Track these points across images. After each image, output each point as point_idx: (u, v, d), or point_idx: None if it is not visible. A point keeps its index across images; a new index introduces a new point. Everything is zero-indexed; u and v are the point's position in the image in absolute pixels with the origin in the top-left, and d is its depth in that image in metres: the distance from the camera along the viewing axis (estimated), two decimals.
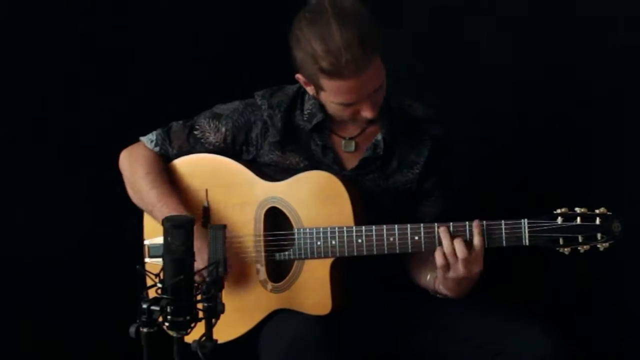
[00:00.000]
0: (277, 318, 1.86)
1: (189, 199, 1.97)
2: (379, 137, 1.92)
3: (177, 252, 1.48)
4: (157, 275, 1.48)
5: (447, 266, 1.76)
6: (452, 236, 1.75)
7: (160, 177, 1.95)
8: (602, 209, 1.69)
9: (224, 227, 1.64)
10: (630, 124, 2.21)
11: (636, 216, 1.88)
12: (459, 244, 1.74)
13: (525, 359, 1.76)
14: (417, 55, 2.50)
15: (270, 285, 1.89)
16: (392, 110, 1.95)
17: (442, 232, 1.75)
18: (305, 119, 1.94)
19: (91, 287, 2.37)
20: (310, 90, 1.87)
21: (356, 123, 1.90)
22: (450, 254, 1.75)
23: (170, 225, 1.48)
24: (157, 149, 2.00)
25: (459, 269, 1.75)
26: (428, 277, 1.90)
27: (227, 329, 1.79)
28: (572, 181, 2.30)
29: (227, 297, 1.85)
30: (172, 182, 1.99)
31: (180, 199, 1.92)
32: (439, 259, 1.76)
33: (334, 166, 1.93)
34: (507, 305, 1.92)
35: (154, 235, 1.97)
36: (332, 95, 1.78)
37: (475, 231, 1.74)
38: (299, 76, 1.84)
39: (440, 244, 1.76)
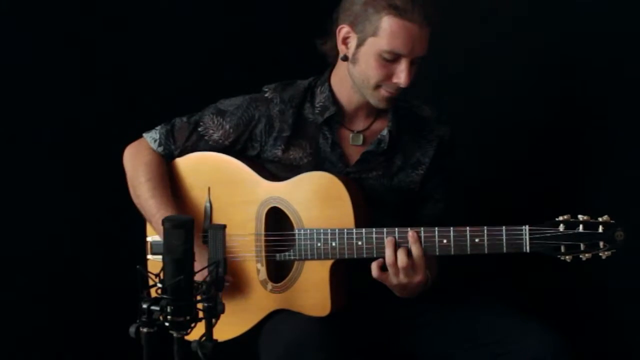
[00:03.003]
0: (276, 318, 1.86)
1: (191, 196, 1.97)
2: (385, 132, 1.93)
3: (177, 252, 1.48)
4: (157, 275, 1.48)
5: (385, 276, 1.78)
6: (396, 247, 1.77)
7: (161, 184, 1.96)
8: (605, 217, 1.68)
9: (224, 227, 1.63)
10: (635, 131, 2.21)
11: (634, 215, 1.88)
12: (400, 255, 1.76)
13: (526, 359, 1.76)
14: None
15: (270, 285, 1.89)
16: (399, 109, 1.96)
17: (387, 242, 1.77)
18: (316, 111, 1.95)
19: (91, 287, 2.37)
20: (343, 49, 1.86)
21: (377, 98, 1.87)
22: (392, 264, 1.76)
23: (170, 225, 1.48)
24: (160, 149, 2.00)
25: (400, 278, 1.77)
26: None
27: (226, 328, 1.79)
28: (575, 188, 2.29)
29: (227, 296, 1.87)
30: (174, 180, 1.99)
31: (178, 209, 1.92)
32: (374, 271, 1.78)
33: (338, 163, 1.94)
34: (507, 305, 1.91)
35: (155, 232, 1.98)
36: (386, 39, 1.78)
37: (411, 240, 1.76)
38: (343, 27, 1.85)
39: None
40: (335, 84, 1.95)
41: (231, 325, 1.86)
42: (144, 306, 1.45)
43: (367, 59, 1.83)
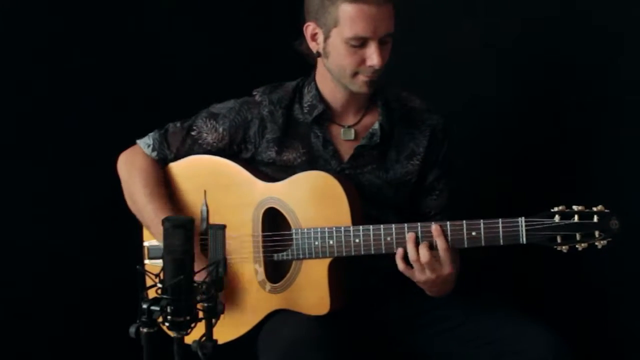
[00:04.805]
0: (275, 319, 1.86)
1: (188, 200, 1.97)
2: (376, 125, 1.94)
3: (177, 252, 1.48)
4: (157, 275, 1.49)
5: (411, 271, 1.77)
6: (418, 242, 1.76)
7: (157, 189, 1.96)
8: (600, 207, 1.68)
9: (224, 227, 1.63)
10: (628, 121, 2.22)
11: (634, 213, 1.88)
12: (422, 250, 1.75)
13: (526, 359, 1.76)
14: (419, 51, 2.50)
15: (268, 285, 1.89)
16: (389, 101, 1.98)
17: (408, 238, 1.76)
18: (305, 111, 1.96)
19: (91, 287, 2.36)
20: (314, 46, 1.89)
21: (357, 84, 1.87)
22: (415, 260, 1.75)
23: (170, 225, 1.49)
24: (154, 154, 2.00)
25: (426, 273, 1.76)
26: None
27: (226, 330, 1.79)
28: (570, 179, 2.29)
29: (226, 298, 1.87)
30: (170, 184, 2.00)
31: (176, 213, 1.92)
32: (399, 264, 1.77)
33: (332, 160, 1.94)
34: (508, 305, 1.92)
35: (153, 237, 1.98)
36: (347, 26, 1.79)
37: (435, 234, 1.74)
38: (309, 24, 1.87)
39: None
40: (319, 82, 1.97)
41: (231, 327, 1.86)
42: (144, 306, 1.45)
43: (336, 50, 1.84)
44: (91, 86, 2.36)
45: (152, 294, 1.48)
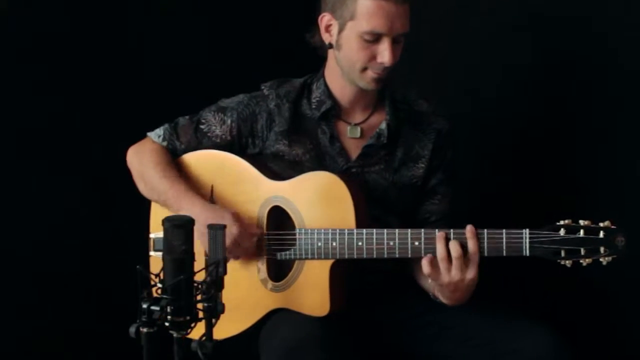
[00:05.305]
0: (276, 318, 1.86)
1: None
2: (383, 125, 1.94)
3: (177, 252, 1.48)
4: (157, 275, 1.49)
5: (436, 273, 1.75)
6: (448, 241, 1.74)
7: (169, 166, 1.97)
8: (607, 223, 1.66)
9: (224, 227, 1.64)
10: (629, 121, 2.21)
11: (634, 212, 1.89)
12: (454, 245, 1.73)
13: (526, 358, 1.76)
14: (423, 60, 2.49)
15: (270, 284, 1.89)
16: (396, 103, 1.98)
17: (438, 237, 1.74)
18: (313, 107, 1.96)
19: (91, 287, 2.37)
20: (327, 37, 1.89)
21: (365, 80, 1.87)
22: (443, 258, 1.74)
23: (170, 225, 1.49)
24: (164, 143, 2.01)
25: (452, 274, 1.73)
26: (430, 280, 1.89)
27: (225, 326, 1.78)
28: (577, 193, 2.29)
29: (227, 294, 1.87)
30: None
31: (191, 186, 1.93)
32: (425, 267, 1.75)
33: (338, 157, 1.94)
34: (507, 305, 1.92)
35: (160, 229, 1.97)
36: (364, 20, 1.80)
37: (469, 235, 1.73)
38: (324, 15, 1.88)
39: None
40: (328, 78, 1.97)
41: (230, 323, 1.85)
42: (144, 306, 1.46)
43: (349, 43, 1.84)
44: (92, 86, 2.35)
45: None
